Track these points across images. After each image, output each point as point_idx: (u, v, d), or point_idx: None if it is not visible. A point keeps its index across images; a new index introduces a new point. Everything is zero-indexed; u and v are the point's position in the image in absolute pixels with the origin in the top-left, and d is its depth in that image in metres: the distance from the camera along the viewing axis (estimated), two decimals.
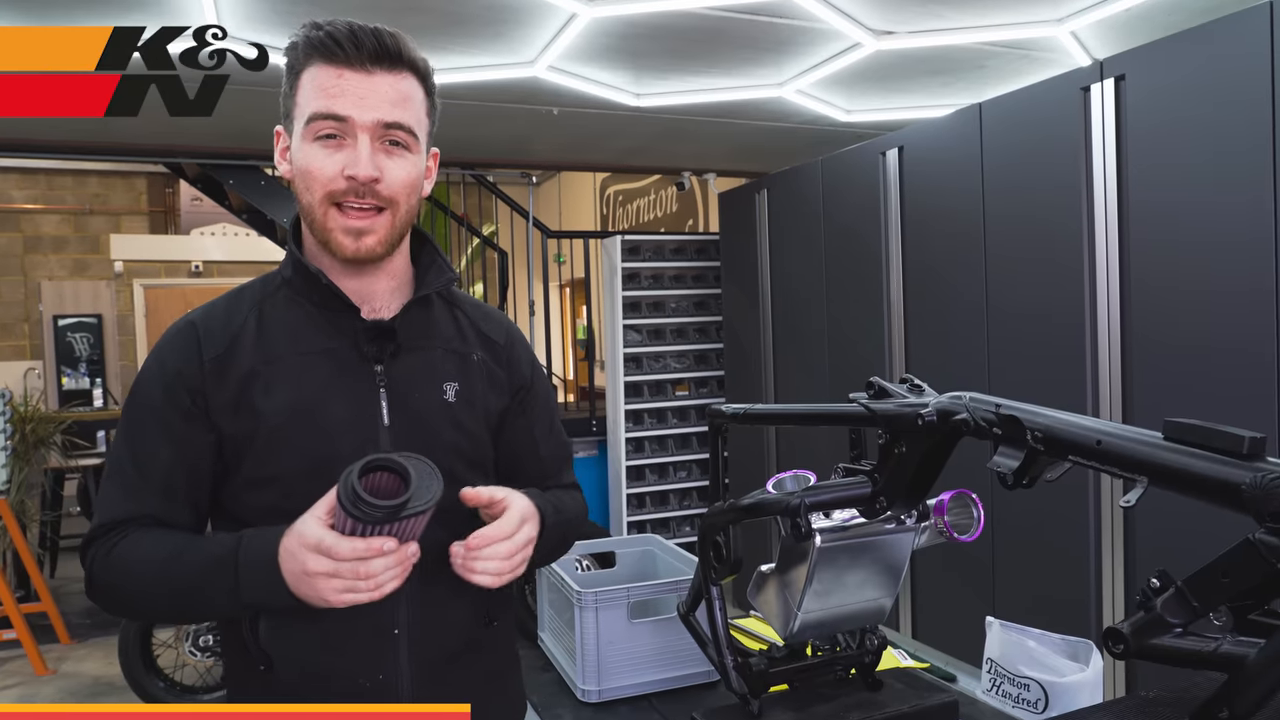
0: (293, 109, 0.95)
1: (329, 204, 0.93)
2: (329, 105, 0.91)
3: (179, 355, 0.96)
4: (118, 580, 0.93)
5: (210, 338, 0.96)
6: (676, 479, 4.65)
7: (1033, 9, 2.90)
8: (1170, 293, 2.18)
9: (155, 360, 0.98)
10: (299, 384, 0.96)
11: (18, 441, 4.40)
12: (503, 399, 1.08)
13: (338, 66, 0.91)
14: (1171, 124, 2.16)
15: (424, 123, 0.98)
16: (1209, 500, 0.69)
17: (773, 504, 1.11)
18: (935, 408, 0.95)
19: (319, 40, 0.91)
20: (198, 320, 0.98)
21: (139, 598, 0.95)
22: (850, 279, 3.34)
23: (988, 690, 1.37)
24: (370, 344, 0.98)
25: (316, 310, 0.99)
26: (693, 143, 4.54)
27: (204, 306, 1.01)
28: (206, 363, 0.95)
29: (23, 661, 3.91)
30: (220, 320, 0.98)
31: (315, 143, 0.92)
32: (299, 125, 0.94)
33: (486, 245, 5.71)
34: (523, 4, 2.71)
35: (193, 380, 0.95)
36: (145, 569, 0.92)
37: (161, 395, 0.95)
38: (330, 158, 0.92)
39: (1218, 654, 0.67)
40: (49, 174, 8.55)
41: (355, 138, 0.92)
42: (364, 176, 0.91)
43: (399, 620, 0.97)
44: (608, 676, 1.43)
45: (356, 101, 0.91)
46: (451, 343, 1.05)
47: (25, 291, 8.48)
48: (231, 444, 0.95)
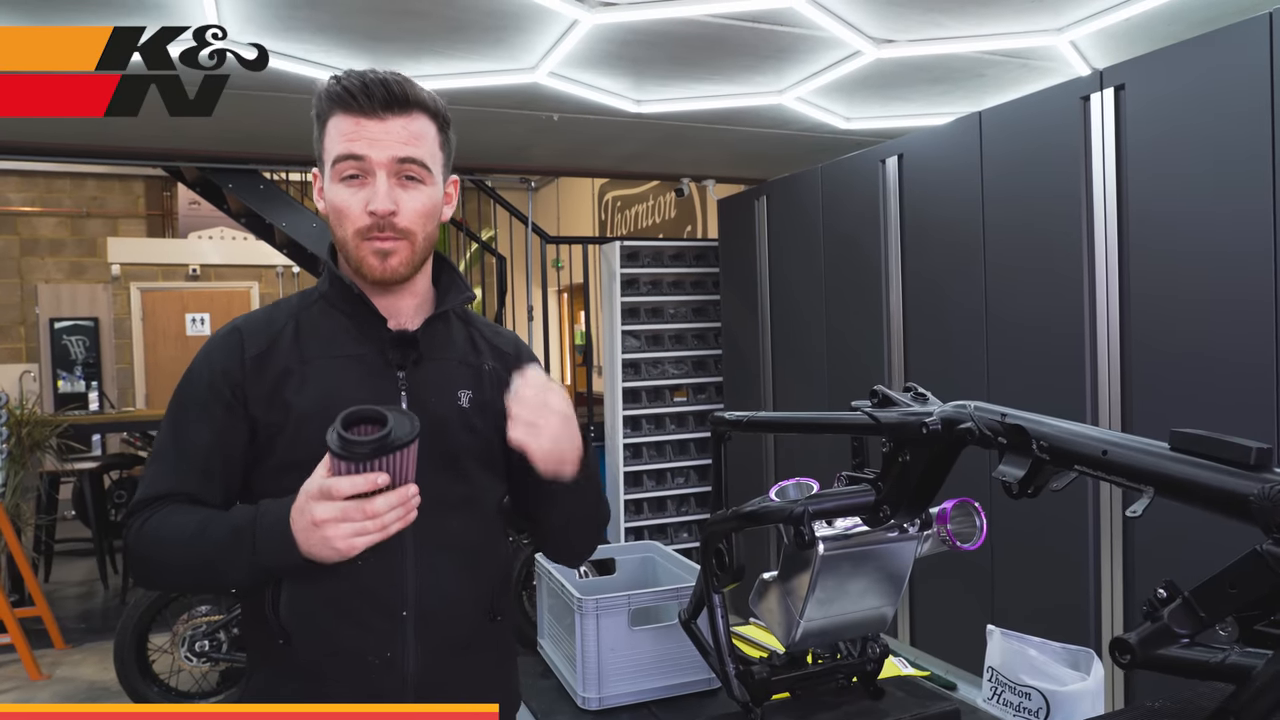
0: (322, 153, 1.08)
1: (360, 237, 1.05)
2: (349, 148, 1.04)
3: (224, 354, 1.08)
4: (150, 552, 1.03)
5: (252, 339, 1.08)
6: (674, 485, 4.65)
7: (1032, 18, 2.91)
8: (1170, 302, 2.18)
9: (203, 358, 1.10)
10: (328, 382, 1.06)
11: (13, 445, 4.38)
12: None
13: (354, 116, 1.04)
14: (1171, 134, 2.17)
15: (437, 155, 1.09)
16: (1216, 511, 0.69)
17: (776, 512, 1.11)
18: (940, 416, 0.95)
19: (338, 94, 1.04)
20: (242, 325, 1.11)
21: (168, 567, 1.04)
22: (849, 286, 3.34)
23: (989, 699, 1.37)
24: (394, 351, 1.09)
25: (349, 320, 1.10)
26: (692, 149, 4.54)
27: (247, 314, 1.15)
28: (248, 360, 1.07)
29: (17, 666, 3.89)
30: (262, 325, 1.10)
31: (341, 183, 1.05)
32: (328, 167, 1.07)
33: (485, 250, 5.71)
34: (524, 10, 2.71)
35: (235, 376, 1.06)
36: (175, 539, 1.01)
37: (207, 388, 1.07)
38: (354, 195, 1.05)
39: (1225, 665, 0.67)
40: (47, 176, 8.54)
41: (374, 175, 1.04)
42: (382, 210, 1.03)
43: (408, 603, 1.05)
44: (608, 684, 1.43)
45: (371, 143, 1.03)
46: (466, 356, 1.16)
47: (22, 294, 8.46)
48: (265, 432, 1.06)
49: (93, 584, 5.34)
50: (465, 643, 1.10)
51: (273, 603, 1.04)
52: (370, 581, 1.03)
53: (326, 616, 1.04)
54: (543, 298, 5.15)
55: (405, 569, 1.04)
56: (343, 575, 0.99)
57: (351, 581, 1.02)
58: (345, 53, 3.06)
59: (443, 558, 1.06)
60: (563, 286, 7.14)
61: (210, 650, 3.29)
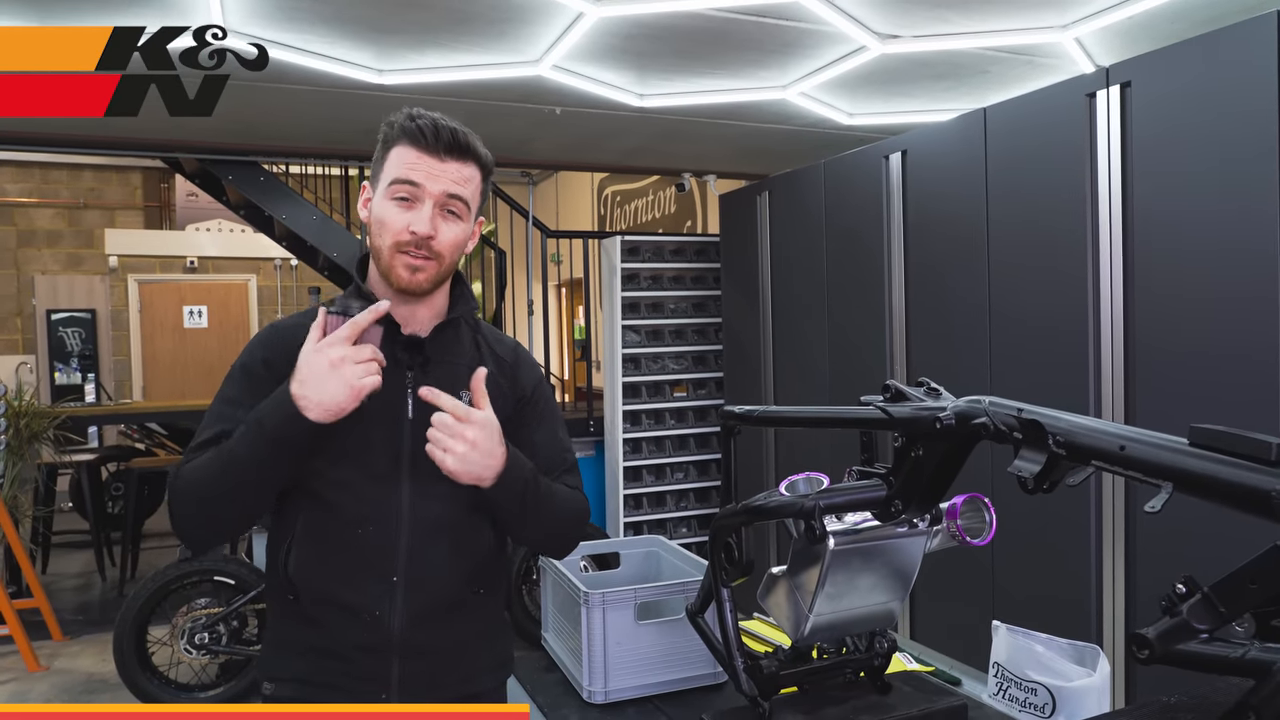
0: (380, 172, 1.23)
1: (396, 250, 1.20)
2: (408, 174, 1.20)
3: (265, 347, 1.25)
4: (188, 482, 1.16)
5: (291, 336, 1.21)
6: (674, 480, 4.65)
7: (1037, 15, 2.90)
8: (1174, 299, 2.18)
9: (249, 350, 1.28)
10: None
11: (11, 436, 4.37)
12: (506, 408, 1.28)
13: (420, 151, 1.20)
14: (1176, 131, 2.17)
15: (476, 199, 1.26)
16: (1236, 507, 0.69)
17: (787, 506, 1.11)
18: (954, 411, 0.95)
19: (411, 130, 1.20)
20: (281, 325, 1.30)
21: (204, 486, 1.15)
22: (852, 283, 3.34)
23: (994, 694, 1.37)
24: (404, 353, 1.24)
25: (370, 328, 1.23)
26: (695, 144, 4.53)
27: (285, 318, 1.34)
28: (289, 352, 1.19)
29: (15, 658, 3.89)
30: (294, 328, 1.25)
31: (392, 201, 1.21)
32: (382, 185, 1.22)
33: (484, 244, 5.70)
34: (529, 3, 2.71)
35: (278, 365, 1.20)
36: (205, 462, 1.16)
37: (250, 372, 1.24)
38: (401, 215, 1.20)
39: (1246, 660, 0.67)
40: (43, 167, 8.50)
41: (423, 202, 1.20)
42: (423, 233, 1.20)
43: (398, 570, 1.20)
44: (614, 677, 1.43)
45: (427, 176, 1.20)
46: (473, 361, 1.29)
47: (18, 285, 8.42)
48: None
49: (90, 576, 5.34)
50: (449, 609, 1.24)
51: (284, 562, 1.21)
52: (368, 550, 1.20)
53: (328, 575, 1.20)
54: (543, 292, 5.14)
55: (399, 542, 1.20)
56: (346, 539, 1.19)
57: (353, 549, 1.19)
58: (348, 45, 3.05)
59: (432, 535, 1.22)
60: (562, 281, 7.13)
61: (210, 642, 3.28)
